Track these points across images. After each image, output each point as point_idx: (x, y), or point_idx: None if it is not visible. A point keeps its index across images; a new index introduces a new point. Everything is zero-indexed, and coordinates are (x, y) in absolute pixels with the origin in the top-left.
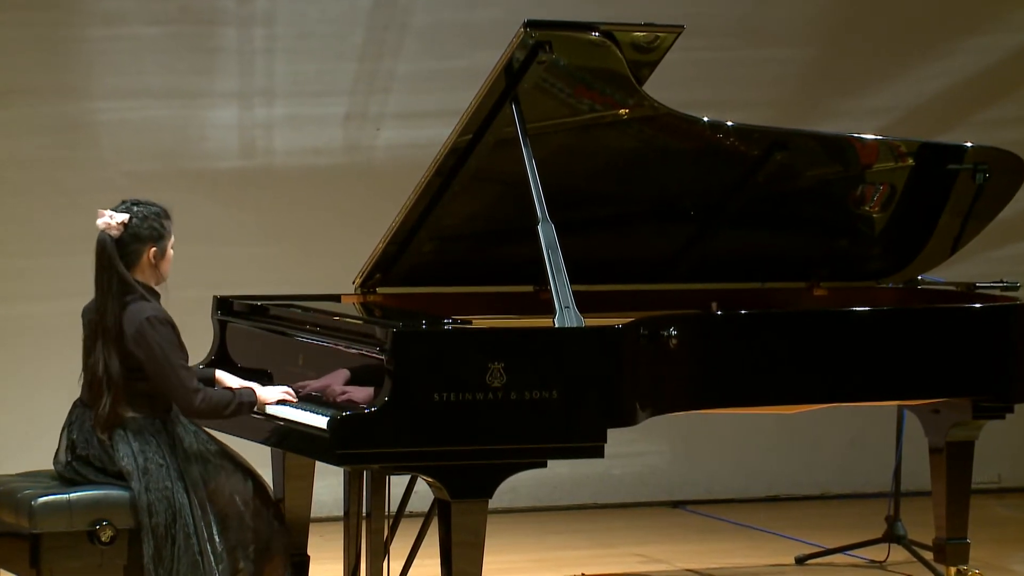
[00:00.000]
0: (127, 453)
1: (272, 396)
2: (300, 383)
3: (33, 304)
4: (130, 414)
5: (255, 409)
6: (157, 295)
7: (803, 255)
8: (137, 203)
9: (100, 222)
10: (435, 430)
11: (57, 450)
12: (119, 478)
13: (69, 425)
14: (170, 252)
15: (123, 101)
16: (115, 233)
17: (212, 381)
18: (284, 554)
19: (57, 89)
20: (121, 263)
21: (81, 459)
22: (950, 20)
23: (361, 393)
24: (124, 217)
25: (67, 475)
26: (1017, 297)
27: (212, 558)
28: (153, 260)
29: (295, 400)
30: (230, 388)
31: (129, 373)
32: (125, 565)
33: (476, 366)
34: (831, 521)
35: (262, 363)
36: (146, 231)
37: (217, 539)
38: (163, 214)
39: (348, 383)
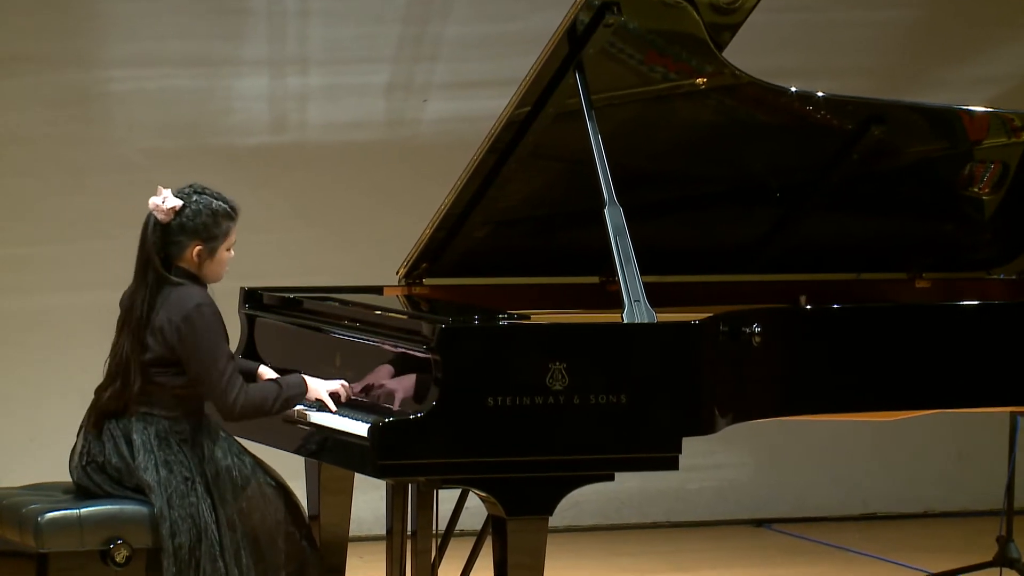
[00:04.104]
0: (149, 464)
1: (323, 388)
2: None
3: (38, 297)
4: (157, 413)
5: (305, 400)
6: (203, 287)
7: (903, 242)
8: (201, 192)
9: (152, 200)
10: (489, 438)
11: (72, 450)
12: (136, 491)
13: (87, 426)
14: (224, 255)
15: (139, 69)
16: (162, 218)
17: (254, 375)
18: None
19: (65, 56)
20: (159, 250)
21: (96, 466)
22: None
23: (405, 397)
24: (176, 203)
25: (81, 482)
26: None
27: None
28: (197, 259)
29: (350, 393)
30: (273, 380)
31: (162, 368)
32: None
33: (535, 366)
34: (935, 542)
35: (294, 362)
36: (194, 226)
37: (246, 563)
38: (223, 212)
39: (391, 385)
